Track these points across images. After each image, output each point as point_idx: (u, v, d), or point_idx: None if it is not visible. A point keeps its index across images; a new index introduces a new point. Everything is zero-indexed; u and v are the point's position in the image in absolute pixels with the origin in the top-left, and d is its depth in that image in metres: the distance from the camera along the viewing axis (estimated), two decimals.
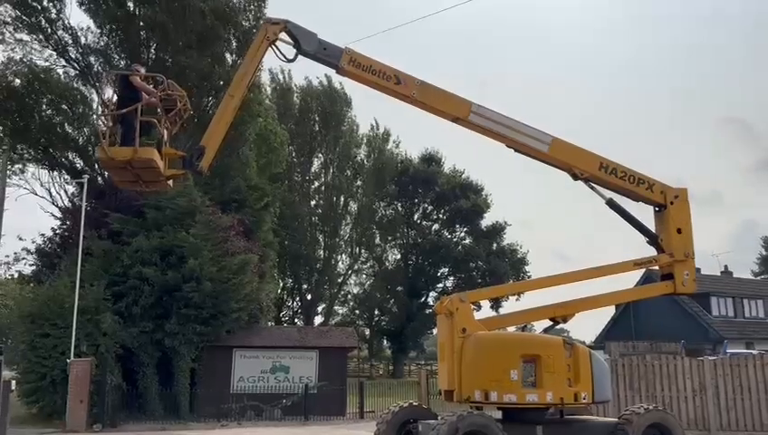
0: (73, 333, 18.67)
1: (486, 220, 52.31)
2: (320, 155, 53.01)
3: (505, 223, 51.97)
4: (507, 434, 10.04)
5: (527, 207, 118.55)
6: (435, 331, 52.99)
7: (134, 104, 9.32)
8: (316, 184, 53.66)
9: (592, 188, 12.05)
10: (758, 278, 64.89)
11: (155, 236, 20.80)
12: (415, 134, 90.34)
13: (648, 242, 12.21)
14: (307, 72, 53.21)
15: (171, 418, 20.27)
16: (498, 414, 11.58)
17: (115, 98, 9.78)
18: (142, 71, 10.54)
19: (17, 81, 24.62)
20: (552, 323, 11.92)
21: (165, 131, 9.99)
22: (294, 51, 11.02)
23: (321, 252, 52.49)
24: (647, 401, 15.79)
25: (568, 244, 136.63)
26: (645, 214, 12.42)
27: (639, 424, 10.65)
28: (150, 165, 9.46)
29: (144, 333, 20.34)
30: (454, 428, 9.51)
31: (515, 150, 12.20)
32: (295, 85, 51.61)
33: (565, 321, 11.77)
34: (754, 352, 23.62)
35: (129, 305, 20.36)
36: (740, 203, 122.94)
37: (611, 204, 12.04)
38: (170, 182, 10.78)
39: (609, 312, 45.92)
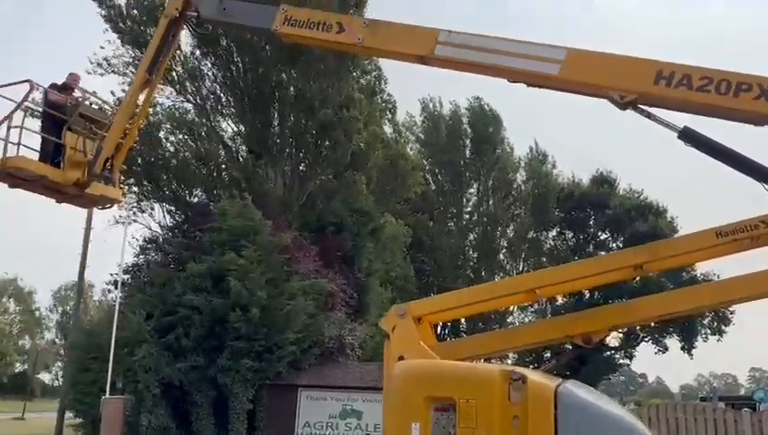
0: (110, 368, 17.13)
1: None
2: (473, 183, 49.70)
3: None
4: None
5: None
6: None
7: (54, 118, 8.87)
8: (475, 216, 50.24)
9: (649, 116, 7.04)
10: None
11: (206, 261, 18.82)
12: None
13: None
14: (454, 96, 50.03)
15: None
16: None
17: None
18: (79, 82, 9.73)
19: None
20: (572, 347, 7.22)
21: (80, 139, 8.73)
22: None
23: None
24: None
25: None
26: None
27: None
28: (25, 175, 8.35)
29: (195, 369, 18.16)
30: None
31: (517, 82, 7.93)
32: (451, 104, 48.65)
33: (592, 343, 7.00)
34: None
35: (179, 337, 18.39)
36: None
37: (687, 135, 6.84)
38: (116, 195, 9.24)
39: None
